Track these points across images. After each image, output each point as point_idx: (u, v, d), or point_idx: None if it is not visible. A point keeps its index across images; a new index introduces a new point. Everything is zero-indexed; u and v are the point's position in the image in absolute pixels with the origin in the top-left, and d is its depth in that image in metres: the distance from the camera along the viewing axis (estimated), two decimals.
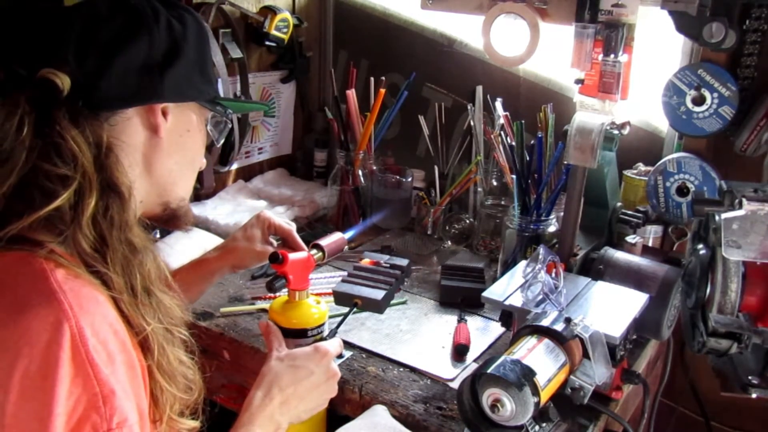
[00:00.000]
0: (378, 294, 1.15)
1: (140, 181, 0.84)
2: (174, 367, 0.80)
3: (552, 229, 1.38)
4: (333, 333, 1.06)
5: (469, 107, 1.67)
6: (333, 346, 0.97)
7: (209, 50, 0.89)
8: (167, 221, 0.92)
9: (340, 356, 1.05)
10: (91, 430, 0.65)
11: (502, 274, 1.28)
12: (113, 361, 0.68)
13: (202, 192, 1.68)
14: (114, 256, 0.74)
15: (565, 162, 1.25)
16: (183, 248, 1.47)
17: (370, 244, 1.66)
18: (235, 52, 1.63)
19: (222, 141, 0.99)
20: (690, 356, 1.33)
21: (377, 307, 1.15)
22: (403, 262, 1.25)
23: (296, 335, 0.99)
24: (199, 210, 1.67)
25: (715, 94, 1.29)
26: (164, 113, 0.83)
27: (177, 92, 0.83)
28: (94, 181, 0.73)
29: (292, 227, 1.18)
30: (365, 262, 1.25)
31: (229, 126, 0.99)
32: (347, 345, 1.20)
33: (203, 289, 1.19)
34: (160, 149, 0.84)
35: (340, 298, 1.16)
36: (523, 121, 1.40)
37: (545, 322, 0.95)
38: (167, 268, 0.85)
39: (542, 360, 0.89)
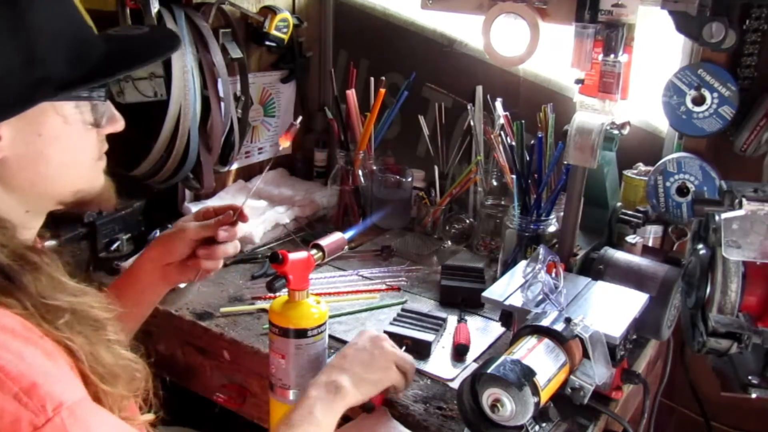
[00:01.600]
0: (429, 336, 1.19)
1: (6, 199, 0.76)
2: (111, 368, 0.75)
3: (552, 229, 1.37)
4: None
5: (469, 107, 1.67)
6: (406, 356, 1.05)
7: (41, 27, 0.70)
8: (81, 208, 0.85)
9: (366, 408, 1.02)
10: (30, 427, 0.61)
11: (502, 274, 1.28)
12: (21, 356, 0.64)
13: (202, 192, 1.68)
14: None
15: (565, 162, 1.25)
16: None
17: (370, 243, 1.66)
18: (235, 52, 1.63)
19: (106, 122, 0.82)
20: (690, 356, 1.33)
21: (426, 348, 1.18)
22: (443, 314, 1.28)
23: (296, 335, 0.99)
24: None
25: (715, 94, 1.28)
26: None
27: None
28: None
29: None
30: (282, 139, 1.12)
31: (107, 103, 0.81)
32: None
33: (144, 296, 1.12)
34: (8, 166, 0.73)
35: (390, 338, 1.19)
36: (523, 121, 1.40)
37: (545, 322, 0.95)
38: (71, 272, 0.78)
39: (542, 360, 0.89)
